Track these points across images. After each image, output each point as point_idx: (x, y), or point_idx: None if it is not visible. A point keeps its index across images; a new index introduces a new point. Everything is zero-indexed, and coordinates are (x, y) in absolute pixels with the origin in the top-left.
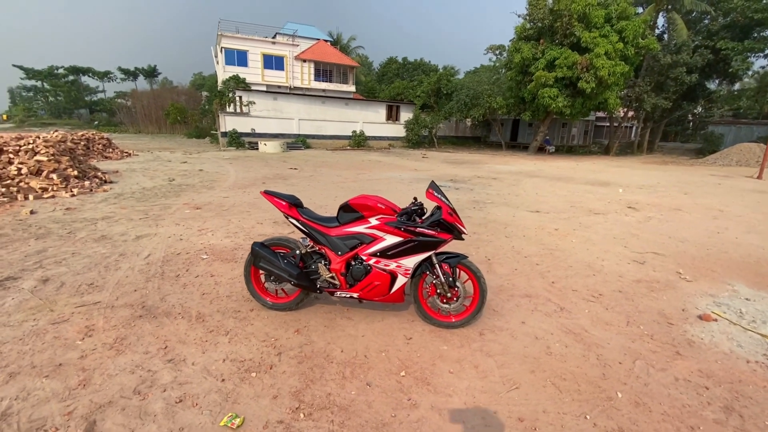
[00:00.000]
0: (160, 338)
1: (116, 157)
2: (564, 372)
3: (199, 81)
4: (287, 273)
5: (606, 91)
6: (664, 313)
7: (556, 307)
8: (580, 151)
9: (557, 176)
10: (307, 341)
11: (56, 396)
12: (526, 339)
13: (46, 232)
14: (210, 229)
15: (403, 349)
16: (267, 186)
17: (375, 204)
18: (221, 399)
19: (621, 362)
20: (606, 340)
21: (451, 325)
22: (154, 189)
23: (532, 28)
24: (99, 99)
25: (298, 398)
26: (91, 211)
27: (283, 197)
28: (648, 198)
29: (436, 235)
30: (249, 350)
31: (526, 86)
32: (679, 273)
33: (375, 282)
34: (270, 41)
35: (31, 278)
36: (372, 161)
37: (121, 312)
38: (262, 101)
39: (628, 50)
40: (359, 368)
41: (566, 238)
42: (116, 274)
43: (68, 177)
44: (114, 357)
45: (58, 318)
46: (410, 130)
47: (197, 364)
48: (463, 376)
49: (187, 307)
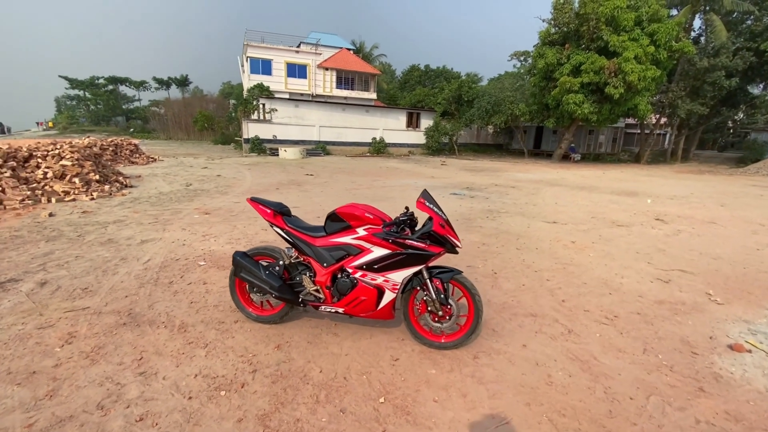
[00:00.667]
0: (137, 348)
1: (142, 162)
2: (564, 406)
3: (227, 89)
4: (268, 285)
5: (636, 96)
6: (688, 341)
7: (564, 329)
8: (609, 160)
9: (580, 185)
10: (286, 358)
11: (22, 406)
12: (526, 365)
13: (58, 235)
14: (214, 234)
15: (387, 371)
16: (280, 192)
17: (362, 213)
18: (183, 419)
19: (632, 398)
20: (617, 370)
21: (442, 345)
22: (170, 194)
23: (556, 33)
24: (135, 107)
25: (263, 423)
26: (105, 214)
27: (268, 205)
28: (679, 209)
29: (426, 248)
30: (224, 366)
31: (550, 92)
32: (709, 294)
33: (361, 297)
34: (294, 50)
35: (31, 281)
36: (389, 168)
37: (106, 319)
38: (284, 108)
39: (660, 54)
40: (336, 392)
41: (583, 251)
42: (112, 279)
43: (90, 181)
44: (87, 367)
45: (45, 323)
46: (430, 137)
47: (168, 378)
48: (449, 405)
49: (173, 316)
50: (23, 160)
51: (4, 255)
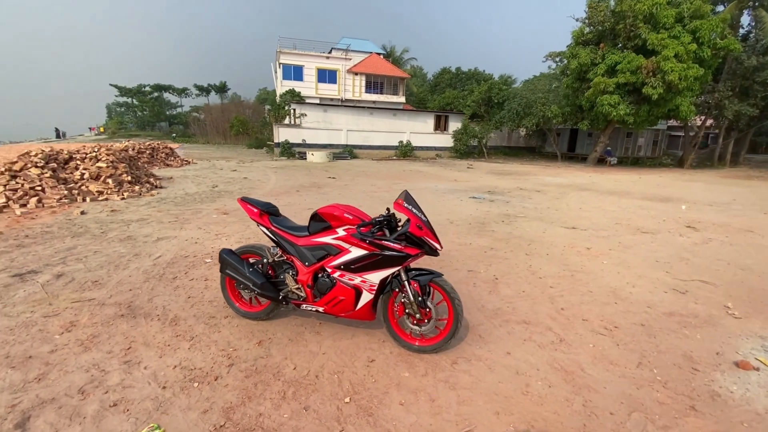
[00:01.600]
0: (128, 338)
1: (176, 165)
2: (535, 417)
3: (263, 95)
4: (251, 282)
5: (677, 97)
6: (691, 356)
7: (555, 338)
8: (648, 164)
9: (611, 190)
10: (264, 354)
11: (11, 387)
12: (505, 373)
13: (84, 231)
14: (227, 234)
15: (360, 372)
16: (300, 194)
17: (342, 214)
18: (153, 407)
19: (612, 413)
20: (603, 383)
21: (420, 349)
22: (195, 194)
23: (591, 32)
24: (177, 113)
25: (227, 415)
26: (131, 213)
27: (256, 204)
28: (716, 217)
29: (402, 249)
30: (204, 358)
31: (584, 93)
32: (728, 307)
33: (339, 296)
34: (324, 56)
35: (49, 273)
36: (413, 171)
37: (107, 310)
38: (313, 113)
39: (703, 52)
40: (304, 389)
41: (597, 258)
42: (122, 273)
43: (122, 182)
44: (79, 354)
45: (51, 312)
46: (458, 140)
47: (149, 368)
48: (414, 410)
49: (168, 310)
50: (64, 162)
51: (31, 249)
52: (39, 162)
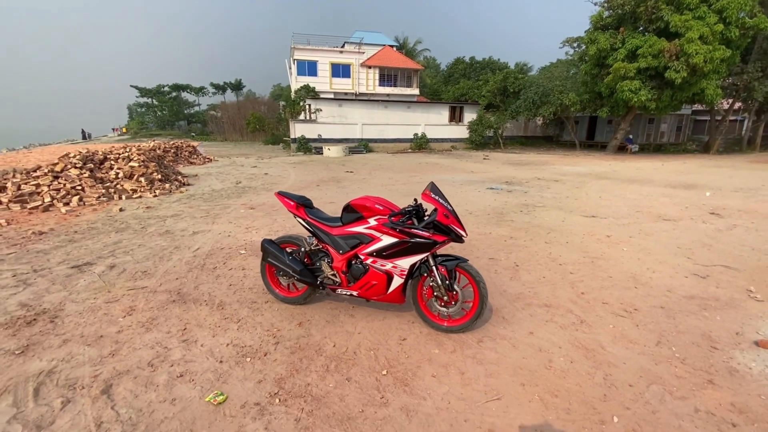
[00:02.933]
0: (182, 321)
1: (199, 163)
2: (558, 388)
3: (278, 92)
4: (291, 269)
5: (702, 80)
6: (710, 336)
7: (576, 319)
8: (672, 150)
9: (632, 178)
10: (305, 334)
11: (91, 361)
12: (528, 350)
13: (126, 227)
14: (256, 227)
15: (393, 349)
16: (320, 188)
17: (373, 205)
18: (214, 378)
19: (632, 385)
20: (623, 359)
21: (448, 329)
22: (221, 191)
23: (610, 16)
24: (195, 111)
25: (279, 385)
26: (165, 209)
27: (292, 198)
28: (741, 203)
29: (429, 236)
30: (252, 338)
31: (603, 80)
32: (750, 291)
33: (372, 281)
34: (338, 50)
35: (102, 264)
36: (429, 164)
37: (160, 296)
38: (327, 108)
39: (731, 32)
40: (344, 363)
41: (617, 245)
42: (167, 264)
43: (153, 180)
44: (142, 334)
45: (111, 298)
46: (474, 131)
47: (205, 346)
48: (445, 381)
49: (213, 296)
50: (99, 162)
51: (82, 243)
52: (77, 163)
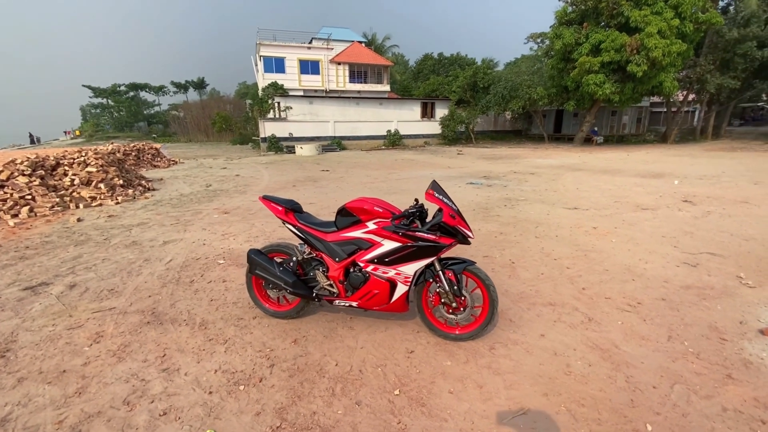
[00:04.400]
0: (161, 346)
1: (164, 166)
2: (583, 396)
3: (243, 90)
4: (283, 281)
5: (660, 73)
6: (717, 327)
7: (584, 317)
8: (633, 141)
9: (603, 169)
10: (303, 352)
11: (53, 403)
12: (544, 355)
13: (86, 239)
14: (233, 233)
15: (402, 363)
16: (297, 189)
17: (371, 207)
18: (204, 413)
19: (656, 386)
20: (640, 358)
21: (457, 337)
22: (191, 195)
23: (573, 12)
24: (155, 112)
25: (281, 416)
26: (129, 217)
27: (280, 202)
28: (709, 190)
29: (436, 239)
30: (243, 361)
31: (569, 74)
32: (740, 277)
33: (374, 290)
34: (306, 47)
35: (60, 284)
36: (405, 160)
37: (131, 318)
38: (298, 106)
39: (685, 27)
40: (351, 384)
41: (605, 237)
42: (136, 280)
43: (114, 186)
44: (114, 365)
45: (74, 324)
46: (446, 127)
47: (189, 374)
48: (464, 397)
49: (193, 314)
50: (51, 168)
51: (36, 260)
52: (26, 170)
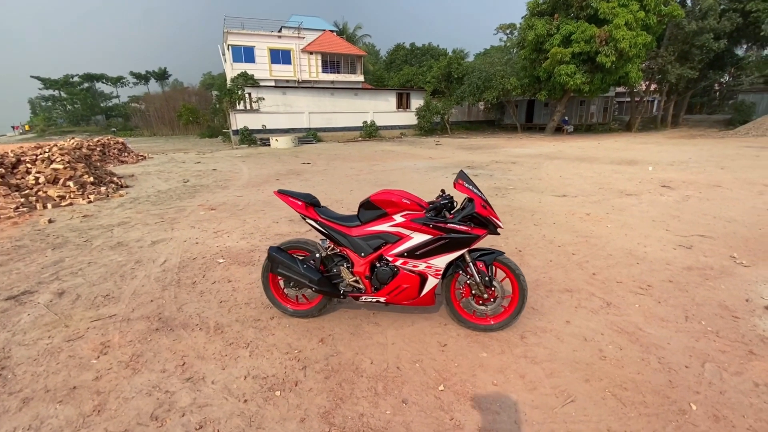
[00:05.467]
0: (177, 354)
1: (132, 161)
2: (623, 380)
3: (208, 80)
4: (308, 279)
5: (627, 64)
6: (726, 305)
7: (602, 302)
8: (600, 129)
9: (580, 157)
10: (333, 352)
11: (70, 425)
12: (574, 341)
13: (63, 242)
14: (225, 230)
15: (438, 357)
16: (281, 183)
17: (399, 199)
18: (244, 424)
19: (687, 366)
20: (665, 339)
21: (490, 328)
22: (169, 191)
23: (545, 3)
24: (114, 104)
25: (327, 420)
26: (107, 217)
27: (298, 196)
28: (682, 175)
29: (469, 230)
30: (271, 365)
31: (541, 64)
32: (734, 257)
33: (403, 285)
34: (276, 35)
35: (47, 291)
36: (385, 151)
37: (137, 325)
38: (271, 97)
39: (649, 19)
40: (392, 382)
41: (600, 223)
42: (132, 284)
43: (84, 183)
44: (130, 377)
45: (73, 334)
46: (422, 118)
47: (217, 382)
48: (509, 388)
49: (205, 317)
50: (11, 166)
51: (11, 267)
52: None
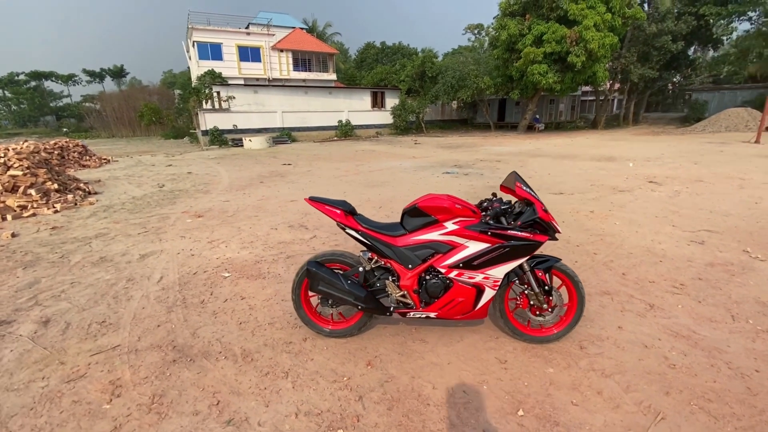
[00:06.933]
0: (207, 390)
1: (95, 165)
2: (703, 390)
3: (170, 79)
4: (353, 296)
5: (595, 64)
6: (764, 302)
7: (645, 304)
8: (569, 127)
9: (559, 154)
10: (386, 377)
11: None
12: (636, 349)
13: (35, 259)
14: (221, 240)
15: (503, 377)
16: (266, 185)
17: (452, 205)
18: None
19: (758, 370)
20: (723, 341)
21: (547, 339)
22: (146, 197)
23: (516, 3)
24: (65, 104)
25: None
26: (80, 228)
27: (334, 204)
28: (663, 170)
29: (532, 237)
30: (321, 397)
31: (514, 64)
32: (747, 252)
33: (458, 298)
34: (244, 32)
35: (28, 320)
36: (365, 151)
37: (148, 357)
38: (242, 95)
39: (615, 21)
40: (465, 410)
41: (606, 220)
42: (130, 306)
43: (48, 191)
44: (157, 423)
45: (72, 374)
46: (397, 117)
47: (265, 424)
48: (591, 407)
49: (227, 343)
50: None
51: None
52: None
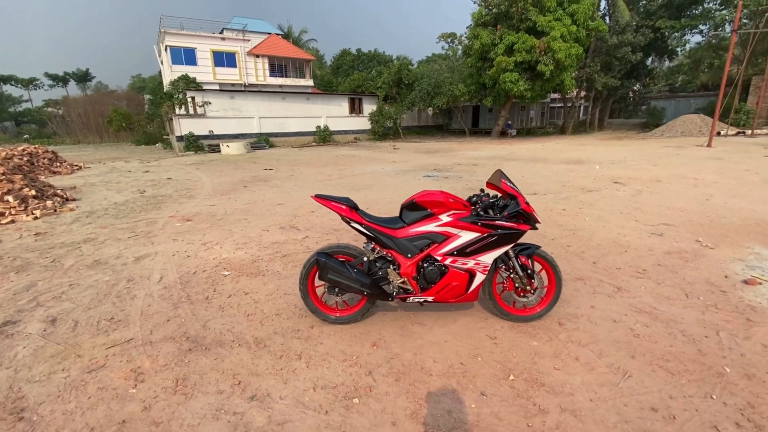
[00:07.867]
0: (226, 373)
1: (66, 172)
2: (662, 353)
3: (138, 83)
4: (359, 283)
5: (563, 73)
6: (712, 282)
7: (613, 287)
8: (539, 133)
9: (532, 158)
10: (390, 355)
11: None
12: (606, 323)
13: (25, 263)
14: (214, 242)
15: (494, 350)
16: (249, 190)
17: (446, 199)
18: None
19: (707, 336)
20: (678, 315)
21: (531, 317)
22: (128, 203)
23: (488, 14)
24: (25, 109)
25: (419, 421)
26: (66, 234)
27: (339, 201)
28: (626, 172)
29: (516, 227)
30: (335, 373)
31: (487, 72)
32: (699, 241)
33: (453, 282)
34: (219, 37)
35: (34, 320)
36: (345, 156)
37: (164, 348)
38: (218, 101)
39: (580, 32)
40: (463, 377)
41: (577, 217)
42: (135, 304)
43: (26, 198)
44: (185, 403)
45: (91, 365)
46: (375, 122)
47: (286, 397)
48: (571, 371)
49: (238, 333)
50: None
51: None
52: None
